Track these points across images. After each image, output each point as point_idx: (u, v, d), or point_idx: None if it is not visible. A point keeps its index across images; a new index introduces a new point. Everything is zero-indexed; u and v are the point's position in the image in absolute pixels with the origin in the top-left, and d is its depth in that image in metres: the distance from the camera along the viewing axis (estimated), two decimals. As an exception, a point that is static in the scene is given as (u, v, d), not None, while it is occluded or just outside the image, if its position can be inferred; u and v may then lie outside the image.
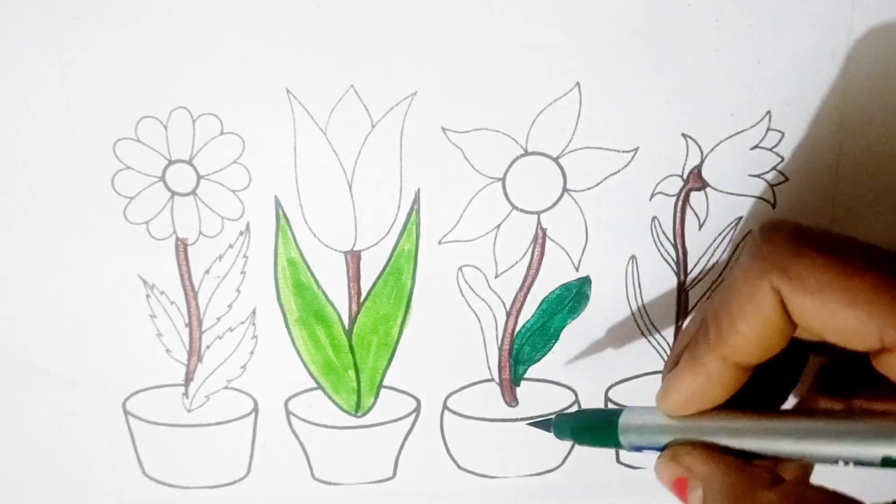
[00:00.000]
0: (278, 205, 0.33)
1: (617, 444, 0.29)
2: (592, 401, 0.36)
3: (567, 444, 0.36)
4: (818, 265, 0.23)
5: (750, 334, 0.24)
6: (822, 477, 0.26)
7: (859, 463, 0.24)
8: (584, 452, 0.36)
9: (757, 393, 0.27)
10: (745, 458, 0.26)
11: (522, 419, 0.36)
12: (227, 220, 0.33)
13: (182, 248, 0.33)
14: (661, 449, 0.28)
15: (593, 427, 0.30)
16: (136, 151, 0.32)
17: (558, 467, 0.36)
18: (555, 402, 0.35)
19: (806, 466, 0.30)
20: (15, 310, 0.33)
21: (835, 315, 0.23)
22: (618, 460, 0.36)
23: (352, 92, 0.31)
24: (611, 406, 0.36)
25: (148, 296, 0.33)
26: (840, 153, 0.32)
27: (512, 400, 0.35)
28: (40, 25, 0.30)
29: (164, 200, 0.33)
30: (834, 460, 0.25)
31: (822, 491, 0.24)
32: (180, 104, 0.31)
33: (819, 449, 0.25)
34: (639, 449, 0.29)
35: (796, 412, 0.29)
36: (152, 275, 0.33)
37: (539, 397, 0.35)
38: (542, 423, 0.33)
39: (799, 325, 0.24)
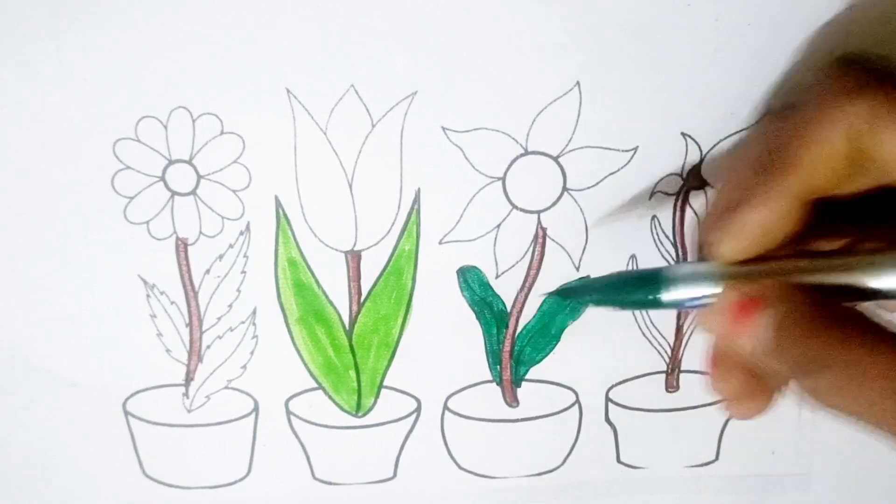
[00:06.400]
0: (278, 205, 0.33)
1: (654, 304, 0.26)
2: (593, 401, 0.35)
3: (567, 443, 0.36)
4: (894, 97, 0.23)
5: (821, 157, 0.23)
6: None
7: None
8: (584, 452, 0.36)
9: None
10: None
11: (523, 420, 0.36)
12: (228, 220, 0.33)
13: (182, 247, 0.33)
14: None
15: (631, 283, 0.27)
16: (136, 151, 0.32)
17: (558, 467, 0.36)
18: (555, 402, 0.35)
19: None
20: (15, 310, 0.33)
21: None
22: (618, 460, 0.36)
23: (352, 92, 0.31)
24: (612, 407, 0.36)
25: (148, 296, 0.33)
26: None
27: (513, 401, 0.35)
28: (39, 25, 0.30)
29: (164, 200, 0.33)
30: None
31: None
32: (180, 104, 0.31)
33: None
34: (682, 305, 0.26)
35: (858, 251, 0.25)
36: (152, 275, 0.33)
37: (540, 398, 0.35)
38: (562, 291, 0.31)
39: (870, 155, 0.23)
